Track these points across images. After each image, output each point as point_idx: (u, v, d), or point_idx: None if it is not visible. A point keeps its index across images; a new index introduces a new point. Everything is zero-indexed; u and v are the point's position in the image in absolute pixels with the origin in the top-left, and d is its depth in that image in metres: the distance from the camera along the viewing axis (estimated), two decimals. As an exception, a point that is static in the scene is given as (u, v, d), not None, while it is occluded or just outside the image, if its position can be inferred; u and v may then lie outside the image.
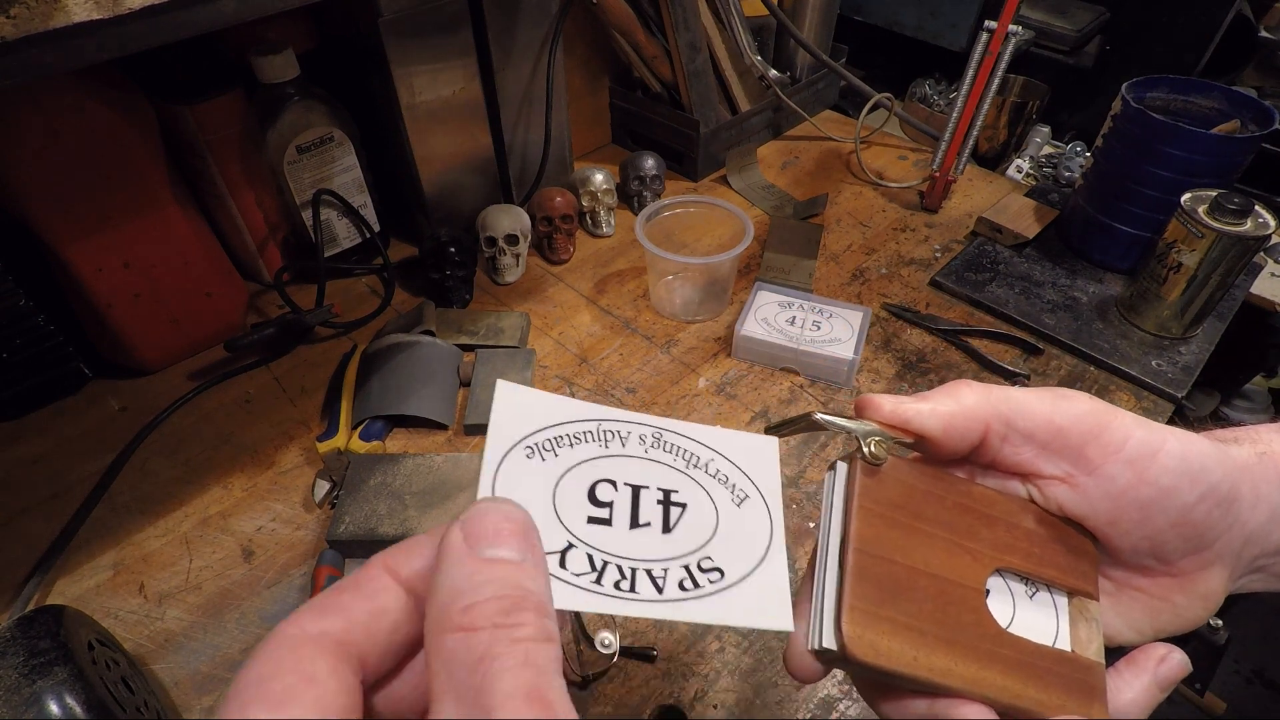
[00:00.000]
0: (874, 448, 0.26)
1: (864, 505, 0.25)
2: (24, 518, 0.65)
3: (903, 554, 0.25)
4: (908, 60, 1.48)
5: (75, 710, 0.42)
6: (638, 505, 0.24)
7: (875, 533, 0.25)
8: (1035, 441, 0.27)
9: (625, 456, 0.25)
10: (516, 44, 0.86)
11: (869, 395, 0.27)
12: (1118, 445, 0.25)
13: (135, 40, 0.40)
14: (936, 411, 0.26)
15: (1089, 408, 0.26)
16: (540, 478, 0.23)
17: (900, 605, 0.24)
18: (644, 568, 0.23)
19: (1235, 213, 0.70)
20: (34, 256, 0.67)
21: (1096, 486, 0.26)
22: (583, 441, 0.24)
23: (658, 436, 0.25)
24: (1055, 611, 0.27)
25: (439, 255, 0.83)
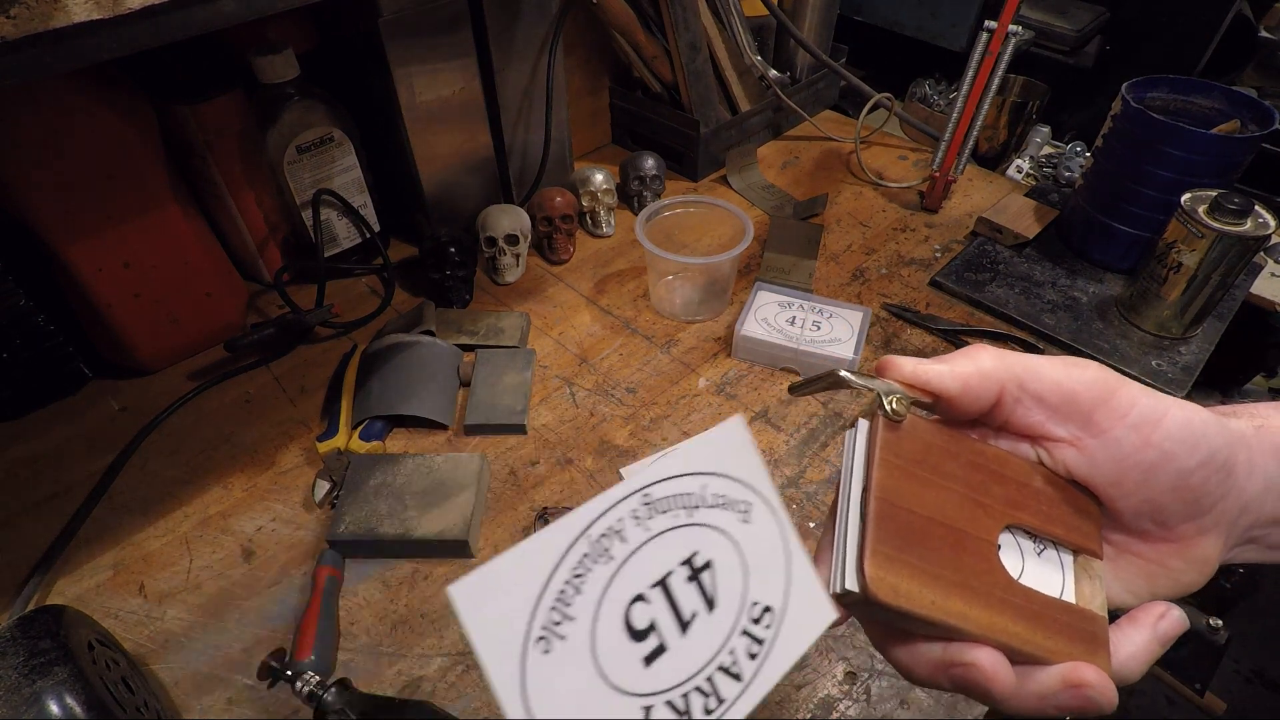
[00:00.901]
0: (895, 404, 0.27)
1: (885, 457, 0.26)
2: (24, 518, 0.65)
3: (921, 504, 0.26)
4: (908, 60, 1.48)
5: (75, 710, 0.42)
6: (675, 602, 0.21)
7: (895, 483, 0.26)
8: (1046, 405, 0.28)
9: (634, 553, 0.21)
10: (516, 44, 0.86)
11: (891, 356, 0.29)
12: (1124, 410, 0.27)
13: (135, 40, 0.40)
14: (955, 373, 0.27)
15: (1098, 374, 0.27)
16: (576, 665, 0.19)
17: (919, 551, 0.25)
18: (716, 666, 0.21)
19: (1235, 213, 0.70)
20: (34, 256, 0.67)
21: (1102, 449, 0.27)
22: (587, 571, 0.20)
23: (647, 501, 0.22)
24: (1061, 568, 0.28)
25: (439, 255, 0.83)
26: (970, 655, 0.24)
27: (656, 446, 0.70)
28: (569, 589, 0.20)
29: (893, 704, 0.53)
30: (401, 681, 0.54)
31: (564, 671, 0.19)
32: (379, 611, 0.58)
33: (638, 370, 0.79)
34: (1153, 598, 0.29)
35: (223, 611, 0.58)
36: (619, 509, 0.21)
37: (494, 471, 0.68)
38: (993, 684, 0.24)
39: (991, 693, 0.24)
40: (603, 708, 0.19)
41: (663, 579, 0.21)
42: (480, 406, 0.72)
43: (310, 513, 0.65)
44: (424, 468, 0.64)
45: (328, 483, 0.65)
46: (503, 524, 0.64)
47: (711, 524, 0.23)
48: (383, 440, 0.70)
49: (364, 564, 0.61)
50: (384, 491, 0.62)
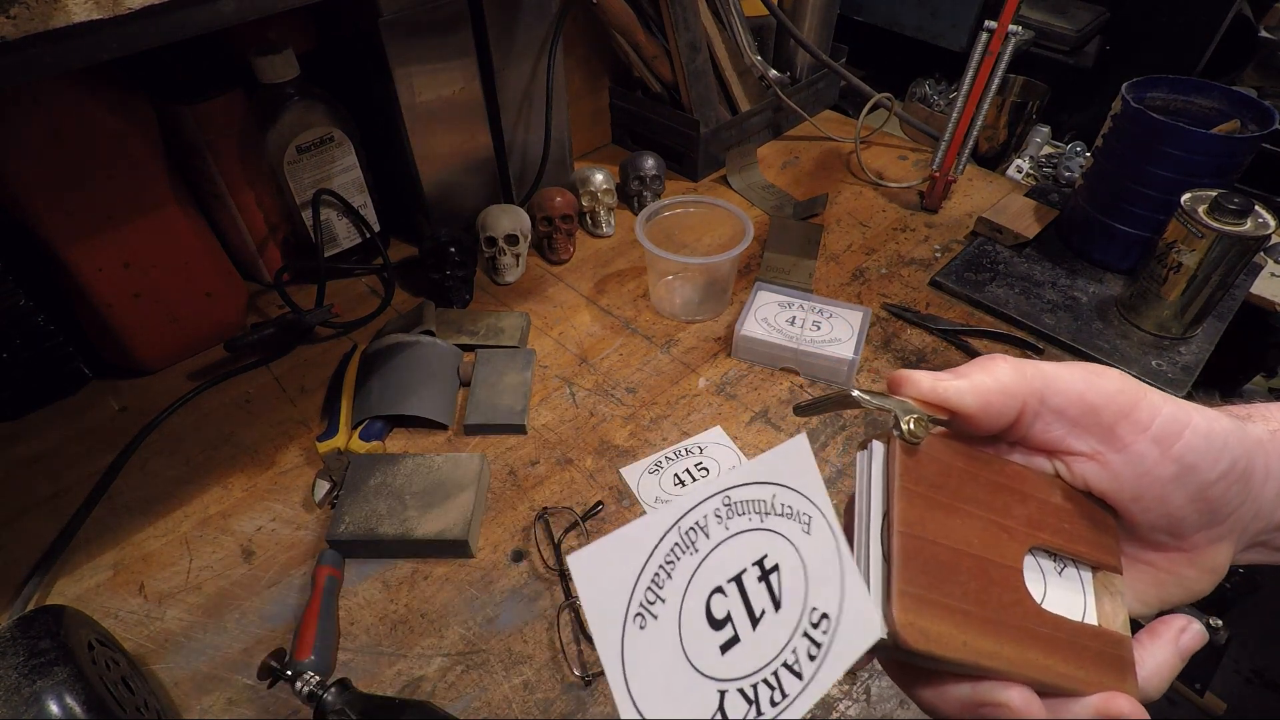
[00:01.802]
0: (913, 426, 0.25)
1: (905, 486, 0.25)
2: (24, 518, 0.65)
3: (945, 535, 0.25)
4: (908, 60, 1.48)
5: (75, 710, 0.42)
6: (748, 598, 0.23)
7: (918, 514, 0.25)
8: (1067, 419, 0.27)
9: (715, 549, 0.23)
10: (516, 44, 0.86)
11: (904, 371, 0.27)
12: (1146, 423, 0.26)
13: (135, 40, 0.40)
14: (976, 389, 0.26)
15: (1121, 385, 0.26)
16: (665, 643, 0.21)
17: (946, 588, 0.24)
18: (781, 663, 0.22)
19: (1235, 213, 0.70)
20: (34, 256, 0.67)
21: (1125, 464, 0.26)
22: (677, 560, 0.22)
23: (727, 503, 0.23)
24: (1081, 586, 0.28)
25: (439, 255, 0.83)
26: (1001, 695, 0.24)
27: (656, 446, 0.70)
28: (661, 573, 0.21)
29: (893, 704, 0.53)
30: (401, 681, 0.54)
31: (655, 647, 0.20)
32: (379, 611, 0.58)
33: (637, 370, 0.79)
34: (1162, 604, 0.28)
35: (223, 611, 0.58)
36: (704, 506, 0.23)
37: (494, 471, 0.68)
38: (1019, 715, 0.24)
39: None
40: (686, 686, 0.21)
41: (738, 575, 0.23)
42: (480, 406, 0.72)
43: (310, 513, 0.65)
44: (424, 468, 0.64)
45: (328, 483, 0.65)
46: (503, 524, 0.64)
47: (779, 531, 0.24)
48: (383, 440, 0.70)
49: (364, 564, 0.61)
50: (384, 491, 0.62)
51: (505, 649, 0.55)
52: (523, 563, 0.61)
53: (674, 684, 0.20)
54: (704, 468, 0.68)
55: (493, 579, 0.60)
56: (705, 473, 0.68)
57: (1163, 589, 0.28)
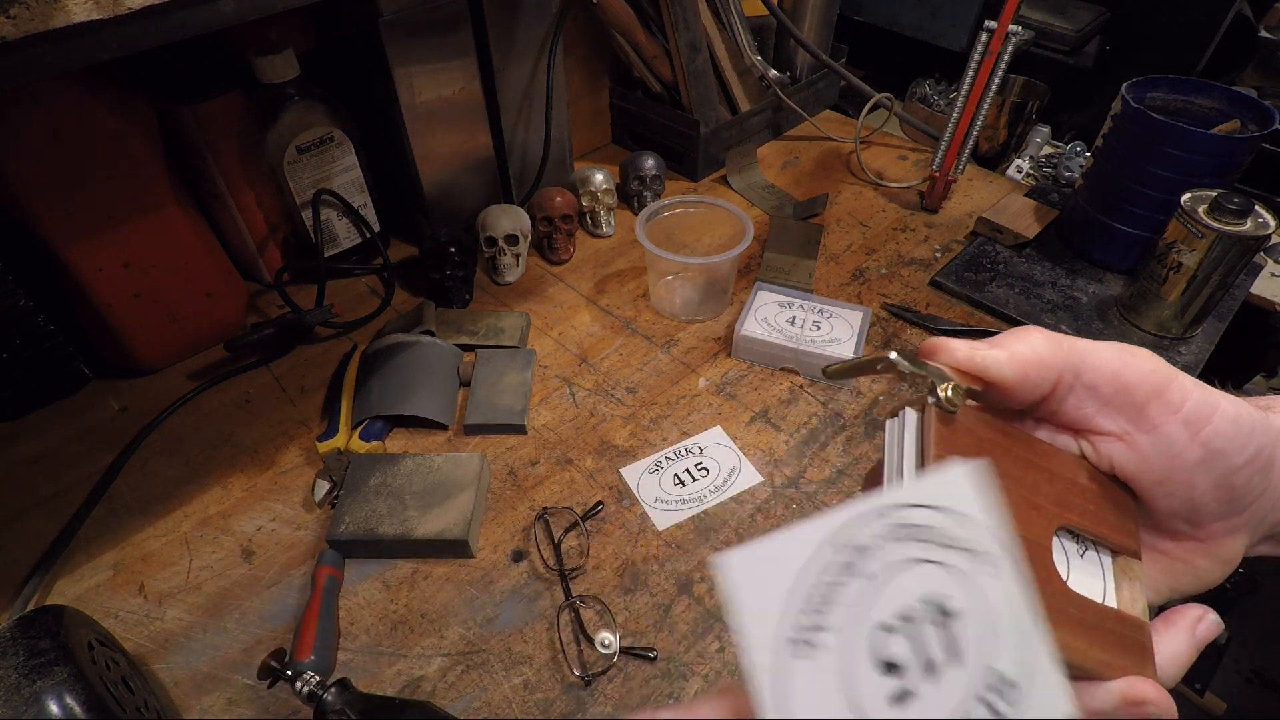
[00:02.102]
0: (950, 394, 0.24)
1: (939, 454, 0.24)
2: (24, 518, 0.65)
3: None
4: (908, 60, 1.48)
5: (75, 710, 0.42)
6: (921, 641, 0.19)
7: None
8: (1099, 396, 0.26)
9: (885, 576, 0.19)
10: (516, 44, 0.86)
11: (940, 338, 0.27)
12: (1177, 405, 0.25)
13: (135, 40, 0.40)
14: (1014, 359, 0.25)
15: (1155, 365, 0.26)
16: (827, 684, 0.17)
17: None
18: None
19: (1235, 213, 0.70)
20: (34, 256, 0.67)
21: (1152, 445, 0.26)
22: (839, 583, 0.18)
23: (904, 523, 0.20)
24: (1102, 570, 0.27)
25: (439, 255, 0.83)
26: None
27: (656, 446, 0.70)
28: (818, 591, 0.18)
29: (893, 704, 0.53)
30: (401, 681, 0.54)
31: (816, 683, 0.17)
32: (379, 611, 0.58)
33: (638, 370, 0.79)
34: (1173, 593, 0.28)
35: (223, 611, 0.58)
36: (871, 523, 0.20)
37: (494, 471, 0.68)
38: None
39: None
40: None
41: (910, 613, 0.19)
42: (480, 406, 0.72)
43: (310, 513, 0.65)
44: (424, 468, 0.64)
45: (328, 483, 0.65)
46: (503, 524, 0.64)
47: (963, 569, 0.21)
48: (383, 440, 0.70)
49: (364, 564, 0.61)
50: (384, 491, 0.62)
51: (505, 649, 0.55)
52: (523, 563, 0.61)
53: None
54: (704, 468, 0.68)
55: (493, 579, 0.60)
56: (705, 473, 0.68)
57: (1175, 578, 0.28)
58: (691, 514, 0.65)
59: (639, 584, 0.60)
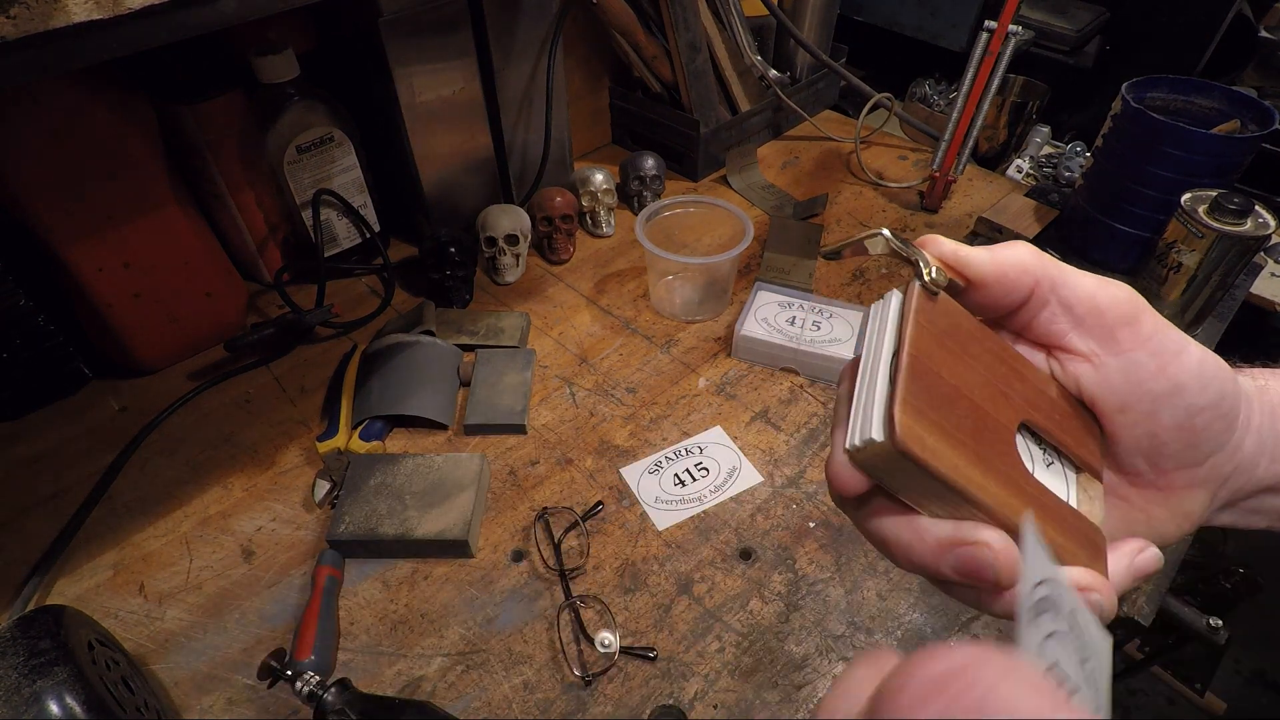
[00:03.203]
0: (935, 274, 0.26)
1: (919, 321, 0.25)
2: (24, 518, 0.65)
3: (950, 373, 0.25)
4: (908, 60, 1.48)
5: (75, 710, 0.42)
6: None
7: (928, 347, 0.25)
8: (1073, 315, 0.27)
9: None
10: (516, 44, 0.86)
11: (932, 234, 0.28)
12: (1147, 335, 0.26)
13: (135, 40, 0.40)
14: (995, 259, 0.27)
15: (1129, 295, 0.27)
16: None
17: (945, 413, 0.24)
18: None
19: (1235, 213, 0.70)
20: (34, 256, 0.67)
21: (1118, 370, 0.27)
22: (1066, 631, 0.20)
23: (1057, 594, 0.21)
24: (1066, 483, 0.28)
25: (439, 255, 0.83)
26: (982, 534, 0.24)
27: (656, 446, 0.70)
28: None
29: (893, 704, 0.53)
30: (401, 681, 0.54)
31: None
32: (379, 611, 0.58)
33: (638, 370, 0.79)
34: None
35: (223, 611, 0.58)
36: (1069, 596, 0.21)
37: (494, 471, 0.68)
38: (1001, 568, 0.23)
39: (998, 579, 0.23)
40: None
41: None
42: (480, 406, 0.72)
43: (310, 513, 0.65)
44: (424, 468, 0.64)
45: (328, 483, 0.65)
46: (503, 524, 0.64)
47: None
48: (383, 440, 0.70)
49: (364, 564, 0.61)
50: (384, 491, 0.62)
51: (505, 649, 0.55)
52: (523, 563, 0.61)
53: None
54: (704, 468, 0.68)
55: (493, 579, 0.60)
56: (705, 472, 0.68)
57: (1131, 526, 0.29)
58: (691, 514, 0.65)
59: (639, 584, 0.60)
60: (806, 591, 0.59)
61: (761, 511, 0.65)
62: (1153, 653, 1.08)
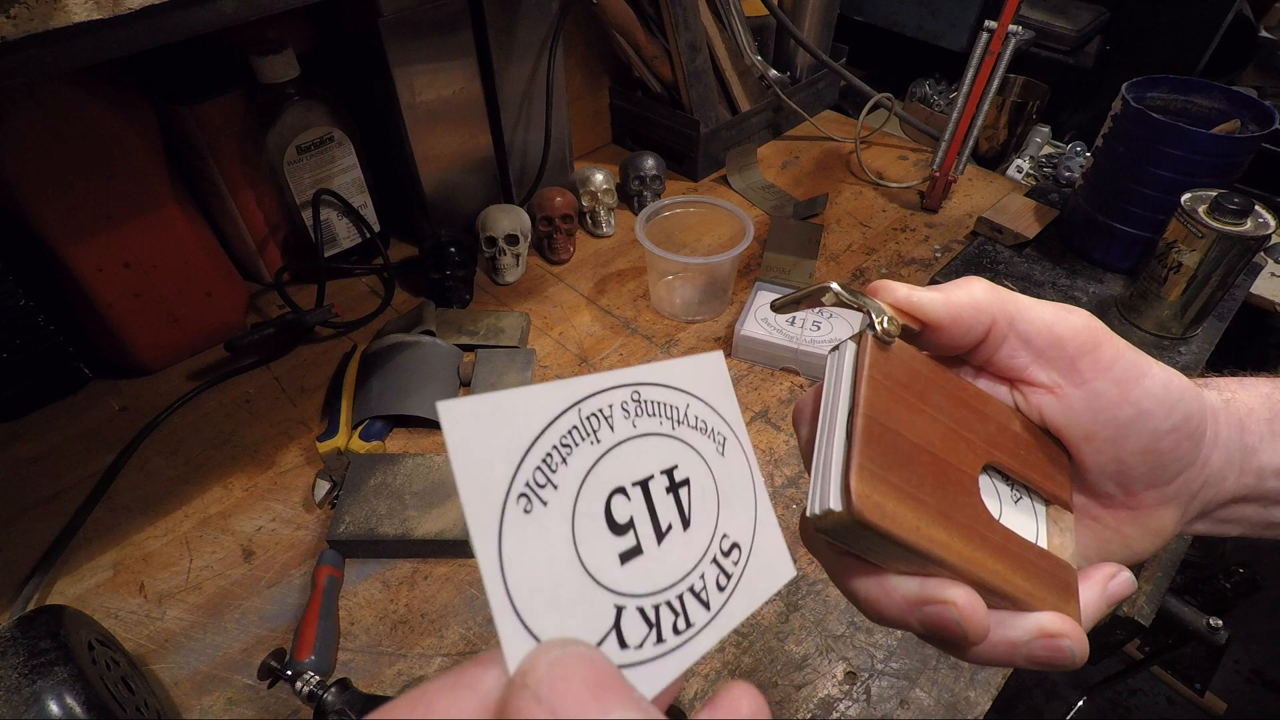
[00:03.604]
0: (886, 324, 0.26)
1: (874, 377, 0.25)
2: (24, 518, 0.65)
3: (907, 428, 0.25)
4: (908, 60, 1.48)
5: (75, 710, 0.42)
6: (654, 508, 0.21)
7: (883, 403, 0.25)
8: (1032, 348, 0.27)
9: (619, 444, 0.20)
10: (516, 44, 0.86)
11: (883, 280, 0.28)
12: (1109, 363, 0.26)
13: (135, 40, 0.40)
14: (948, 301, 0.27)
15: (1087, 323, 0.27)
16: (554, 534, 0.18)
17: (905, 474, 0.24)
18: (687, 587, 0.20)
19: (1235, 213, 0.70)
20: (34, 256, 0.67)
21: (1081, 400, 0.27)
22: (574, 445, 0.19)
23: (637, 399, 0.21)
24: (1035, 518, 0.28)
25: (439, 255, 0.83)
26: (948, 593, 0.24)
27: (656, 446, 0.70)
28: (555, 454, 0.19)
29: (893, 704, 0.53)
30: (401, 681, 0.54)
31: (543, 538, 0.17)
32: (379, 611, 0.58)
33: (638, 370, 0.78)
34: (1101, 560, 0.29)
35: (223, 611, 0.58)
36: (610, 395, 0.21)
37: (494, 471, 0.68)
38: (968, 625, 0.23)
39: (966, 635, 0.24)
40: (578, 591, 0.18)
41: (644, 480, 0.21)
42: (480, 406, 0.72)
43: (310, 513, 0.65)
44: (424, 468, 0.64)
45: (328, 483, 0.65)
46: (503, 524, 0.64)
47: (692, 444, 0.23)
48: (383, 440, 0.70)
49: (364, 564, 0.61)
50: (384, 491, 0.62)
51: (505, 649, 0.55)
52: (523, 563, 0.61)
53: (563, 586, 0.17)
54: (704, 468, 0.68)
55: (493, 579, 0.60)
56: (705, 473, 0.68)
57: (1104, 546, 0.29)
58: (691, 514, 0.64)
59: (639, 584, 0.59)
60: (806, 591, 0.59)
61: (761, 511, 0.65)
62: (1153, 653, 1.08)
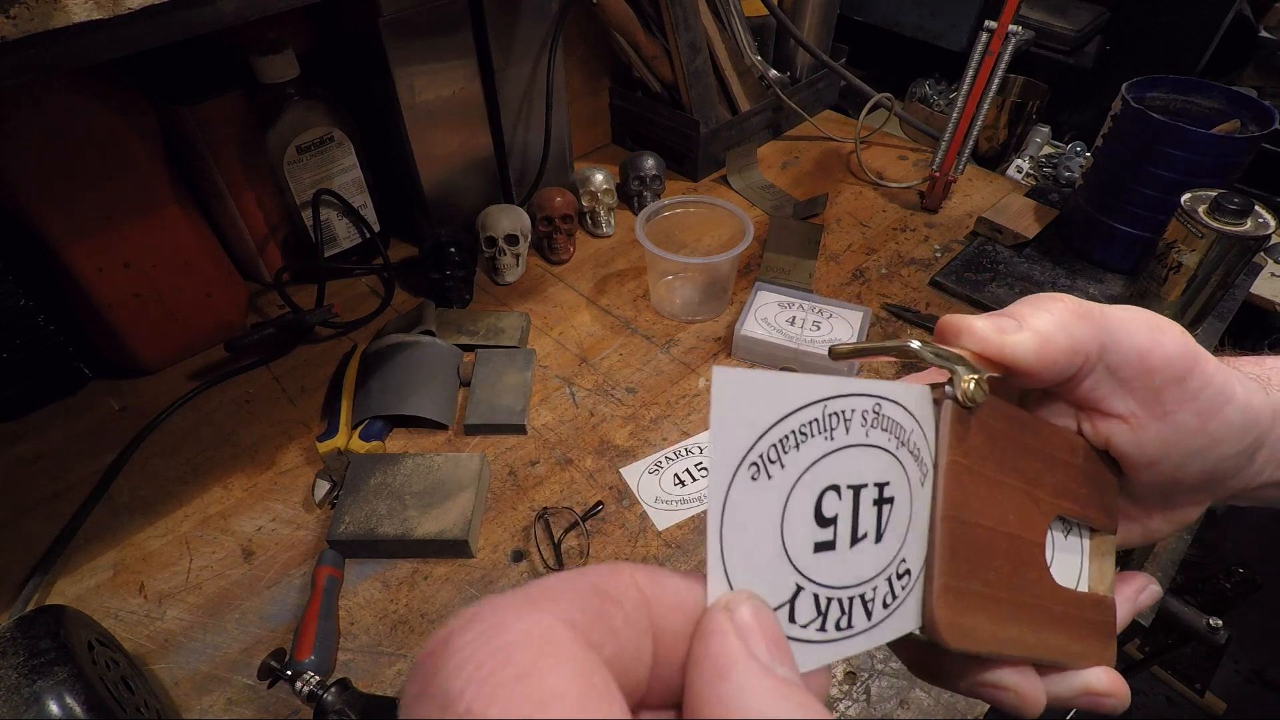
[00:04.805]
0: (973, 388, 0.22)
1: (955, 462, 0.22)
2: (24, 518, 0.65)
3: (986, 514, 0.23)
4: (908, 60, 1.48)
5: (75, 710, 0.42)
6: (858, 513, 0.21)
7: (963, 494, 0.22)
8: (1118, 377, 0.24)
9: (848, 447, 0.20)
10: (516, 44, 0.86)
11: (958, 317, 0.24)
12: (1195, 392, 0.24)
13: (135, 40, 0.40)
14: (1043, 346, 0.22)
15: (1181, 349, 0.24)
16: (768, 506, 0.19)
17: (983, 575, 0.22)
18: (859, 593, 0.20)
19: (1235, 213, 0.70)
20: (34, 256, 0.67)
21: (1158, 431, 0.24)
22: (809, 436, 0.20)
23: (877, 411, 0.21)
24: (1081, 549, 0.27)
25: (439, 255, 0.83)
26: (1007, 679, 0.23)
27: (656, 446, 0.70)
28: (791, 439, 0.19)
29: (893, 704, 0.53)
30: (401, 681, 0.54)
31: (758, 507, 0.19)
32: (379, 611, 0.58)
33: (638, 370, 0.79)
34: (1122, 546, 0.29)
35: (223, 611, 0.58)
36: (856, 400, 0.20)
37: (494, 471, 0.68)
38: (1025, 706, 0.24)
39: (1022, 714, 0.24)
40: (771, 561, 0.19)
41: (858, 486, 0.21)
42: (480, 406, 0.72)
43: (310, 513, 0.65)
44: (424, 468, 0.64)
45: (328, 483, 0.65)
46: (503, 524, 0.64)
47: (905, 467, 0.22)
48: (383, 440, 0.70)
49: (364, 564, 0.61)
50: (384, 491, 0.62)
51: (505, 649, 0.55)
52: (523, 563, 0.61)
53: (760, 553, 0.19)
54: (704, 468, 0.68)
55: (493, 579, 0.60)
56: (705, 473, 0.68)
57: (1127, 533, 0.29)
58: (691, 514, 0.65)
59: (639, 584, 0.59)
60: (806, 591, 0.59)
61: (761, 511, 0.65)
62: (1153, 653, 1.08)
